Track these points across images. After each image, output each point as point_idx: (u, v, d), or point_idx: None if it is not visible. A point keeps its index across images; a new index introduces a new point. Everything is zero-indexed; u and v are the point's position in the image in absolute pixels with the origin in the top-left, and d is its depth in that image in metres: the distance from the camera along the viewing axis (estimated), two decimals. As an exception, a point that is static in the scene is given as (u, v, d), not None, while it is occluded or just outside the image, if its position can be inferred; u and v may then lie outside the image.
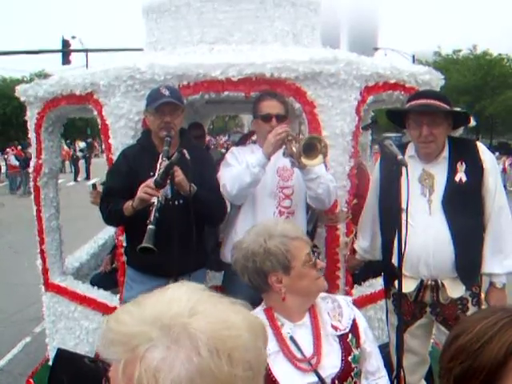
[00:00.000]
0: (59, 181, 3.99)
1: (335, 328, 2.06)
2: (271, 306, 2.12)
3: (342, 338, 2.05)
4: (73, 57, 22.55)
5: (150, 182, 2.77)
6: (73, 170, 26.49)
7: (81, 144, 33.44)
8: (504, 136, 41.69)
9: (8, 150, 25.28)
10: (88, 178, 23.75)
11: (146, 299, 0.85)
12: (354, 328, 2.10)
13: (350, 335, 2.06)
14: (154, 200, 2.70)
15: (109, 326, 0.82)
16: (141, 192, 2.78)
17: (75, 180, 24.45)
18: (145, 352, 0.75)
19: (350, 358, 2.02)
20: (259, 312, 2.12)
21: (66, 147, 27.78)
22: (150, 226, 2.61)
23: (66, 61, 21.82)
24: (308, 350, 2.01)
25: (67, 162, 26.99)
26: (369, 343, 2.12)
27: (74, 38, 26.30)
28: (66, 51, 22.28)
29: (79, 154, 28.08)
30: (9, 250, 7.42)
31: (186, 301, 0.82)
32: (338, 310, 2.13)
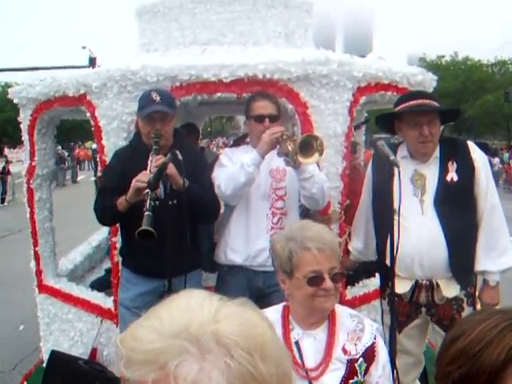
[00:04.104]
0: (81, 177, 4.04)
1: (345, 351, 1.99)
2: (288, 306, 2.10)
3: (351, 362, 1.98)
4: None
5: (143, 173, 2.77)
6: (91, 168, 30.24)
7: (93, 145, 34.66)
8: (483, 137, 42.69)
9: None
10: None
11: (159, 312, 0.79)
12: (369, 355, 2.01)
13: (360, 360, 1.99)
14: (148, 190, 2.68)
15: (126, 345, 0.75)
16: (134, 183, 2.77)
17: (95, 176, 27.27)
18: (176, 368, 0.70)
19: (350, 382, 1.97)
20: (279, 307, 2.11)
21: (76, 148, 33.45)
22: (147, 213, 2.60)
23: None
24: (310, 362, 1.98)
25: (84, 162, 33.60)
26: (384, 379, 2.04)
27: (84, 48, 26.74)
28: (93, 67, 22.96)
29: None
30: (71, 223, 9.45)
31: (207, 307, 0.78)
32: (360, 333, 2.04)
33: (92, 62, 23.86)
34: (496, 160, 23.93)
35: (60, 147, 26.37)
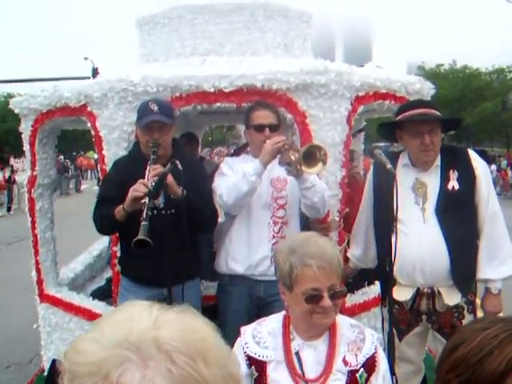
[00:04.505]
0: (84, 186, 4.05)
1: (346, 363, 1.98)
2: (289, 315, 2.08)
3: (351, 373, 1.97)
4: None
5: (140, 182, 2.78)
6: (94, 177, 31.47)
7: (95, 155, 34.81)
8: (482, 144, 43.30)
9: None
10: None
11: (101, 325, 0.80)
12: (370, 365, 2.00)
13: (360, 370, 1.98)
14: (145, 200, 2.70)
15: (70, 359, 0.76)
16: (131, 192, 2.79)
17: (98, 185, 28.88)
18: (119, 377, 0.71)
19: None
20: (280, 316, 2.10)
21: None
22: (144, 222, 2.61)
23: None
24: (310, 373, 1.97)
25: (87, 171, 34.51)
26: None
27: (86, 59, 26.90)
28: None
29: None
30: (75, 231, 9.98)
31: (146, 315, 0.79)
32: (360, 344, 2.02)
33: (95, 72, 24.05)
34: (493, 167, 24.03)
35: (62, 157, 26.55)
